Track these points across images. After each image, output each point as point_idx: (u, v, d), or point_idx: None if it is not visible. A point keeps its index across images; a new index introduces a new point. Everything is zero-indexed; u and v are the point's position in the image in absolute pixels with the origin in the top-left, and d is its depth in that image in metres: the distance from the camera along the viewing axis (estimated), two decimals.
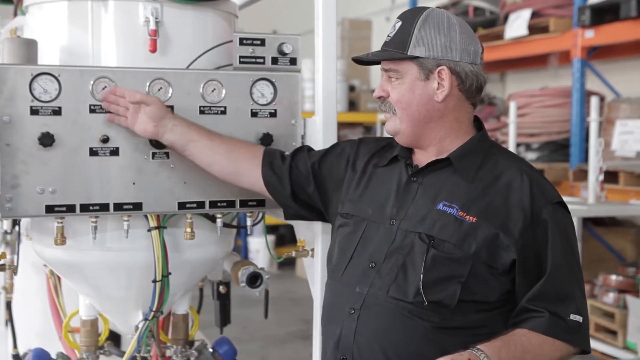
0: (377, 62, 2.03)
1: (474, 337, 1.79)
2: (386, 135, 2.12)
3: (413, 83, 1.93)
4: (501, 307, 1.87)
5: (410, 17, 1.96)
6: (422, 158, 2.01)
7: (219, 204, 2.31)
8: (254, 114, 2.33)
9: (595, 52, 6.15)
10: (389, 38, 1.98)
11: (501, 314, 1.87)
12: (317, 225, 2.35)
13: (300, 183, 2.19)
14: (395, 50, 1.94)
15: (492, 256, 1.83)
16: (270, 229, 8.09)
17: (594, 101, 5.23)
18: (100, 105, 2.16)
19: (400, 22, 1.97)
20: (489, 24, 7.09)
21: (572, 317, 1.83)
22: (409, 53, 1.92)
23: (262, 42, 2.34)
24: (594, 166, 5.13)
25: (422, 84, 1.93)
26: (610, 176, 5.43)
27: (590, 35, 5.82)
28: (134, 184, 2.21)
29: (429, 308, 1.82)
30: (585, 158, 5.77)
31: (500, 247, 1.83)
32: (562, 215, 1.89)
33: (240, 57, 2.32)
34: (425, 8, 1.98)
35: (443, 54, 1.91)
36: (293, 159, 2.21)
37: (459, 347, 1.76)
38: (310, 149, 2.28)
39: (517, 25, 6.46)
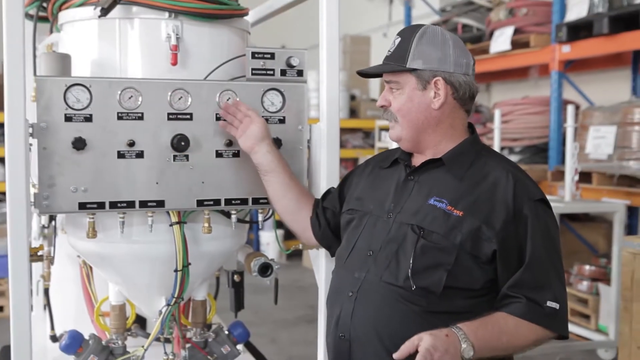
0: (379, 75, 2.05)
1: (457, 320, 1.78)
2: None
3: (412, 93, 1.94)
4: (486, 295, 1.86)
5: (408, 33, 1.97)
6: (419, 161, 2.02)
7: (233, 202, 2.30)
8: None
9: (571, 65, 6.13)
10: (390, 53, 1.99)
11: (487, 301, 1.86)
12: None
13: (333, 211, 2.23)
14: (395, 64, 1.94)
15: (475, 247, 1.82)
16: (280, 224, 8.06)
17: (570, 109, 5.21)
18: (127, 112, 2.16)
19: (399, 39, 1.98)
20: (476, 40, 7.07)
21: (549, 303, 1.82)
22: (407, 66, 1.92)
23: (272, 56, 2.33)
24: (570, 167, 5.12)
25: (420, 93, 1.94)
26: (585, 176, 5.41)
27: (566, 50, 5.80)
28: (157, 183, 2.20)
29: (417, 293, 1.82)
30: (562, 160, 5.75)
31: (483, 238, 1.82)
32: (543, 211, 1.88)
33: (253, 69, 2.31)
34: (421, 25, 1.98)
35: (438, 65, 1.92)
36: (323, 200, 2.27)
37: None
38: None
39: (501, 40, 6.44)
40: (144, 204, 2.20)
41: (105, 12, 2.20)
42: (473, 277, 1.84)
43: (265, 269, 2.46)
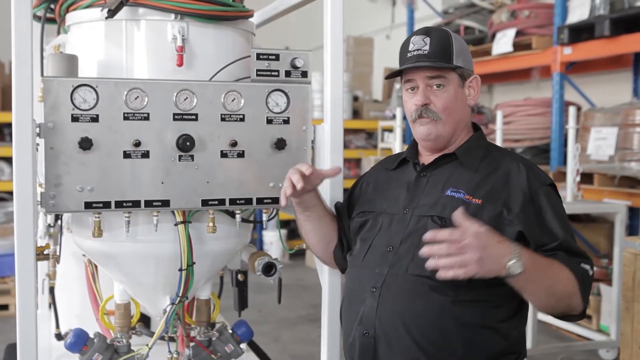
0: (394, 75, 2.06)
1: (485, 310, 1.81)
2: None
3: (455, 90, 1.98)
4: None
5: (441, 33, 1.99)
6: (429, 158, 2.04)
7: (238, 201, 2.30)
8: (269, 121, 2.32)
9: (572, 67, 6.13)
10: (426, 51, 1.95)
11: (509, 289, 1.81)
12: None
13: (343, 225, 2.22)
14: (443, 61, 1.95)
15: (498, 232, 1.81)
16: (283, 224, 8.05)
17: (571, 111, 5.21)
18: (133, 112, 2.16)
19: (428, 38, 1.97)
20: (478, 42, 7.07)
21: (583, 265, 1.81)
22: (454, 63, 1.95)
23: (277, 57, 2.34)
24: (572, 168, 5.11)
25: (460, 90, 1.99)
26: (586, 178, 5.41)
27: (568, 52, 5.80)
28: (162, 183, 2.21)
29: (445, 282, 1.77)
30: (563, 161, 5.75)
31: (505, 222, 1.84)
32: (553, 194, 1.93)
33: (257, 70, 2.32)
34: (438, 27, 2.05)
35: (471, 65, 2.02)
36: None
37: (471, 319, 1.77)
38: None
39: (503, 42, 6.44)
40: (149, 204, 2.20)
41: (112, 13, 2.20)
42: None
43: (269, 269, 2.47)
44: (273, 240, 8.45)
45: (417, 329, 1.84)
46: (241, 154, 2.28)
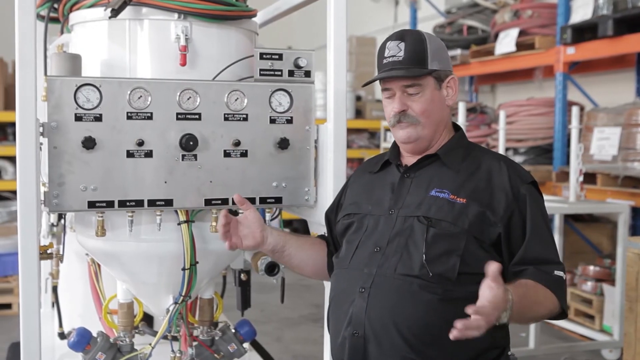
0: (372, 81, 2.06)
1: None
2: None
3: (432, 94, 1.98)
4: None
5: (415, 36, 1.98)
6: (411, 160, 2.05)
7: None
8: (272, 121, 2.32)
9: (575, 67, 6.12)
10: (400, 58, 1.95)
11: None
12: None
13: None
14: (418, 67, 1.95)
15: (481, 231, 1.87)
16: (286, 223, 8.07)
17: (574, 110, 5.20)
18: (137, 112, 2.16)
19: (402, 43, 1.96)
20: (481, 41, 7.06)
21: (556, 272, 1.88)
22: (429, 68, 1.95)
23: (280, 57, 2.34)
24: (575, 168, 5.10)
25: (437, 93, 1.99)
26: (589, 177, 5.40)
27: (571, 52, 5.79)
28: (165, 182, 2.21)
29: (433, 280, 1.84)
30: (566, 161, 5.74)
31: (488, 223, 1.88)
32: (536, 192, 1.96)
33: (261, 70, 2.32)
34: (412, 30, 2.04)
35: (448, 65, 2.00)
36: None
37: (460, 316, 1.77)
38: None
39: (506, 42, 6.43)
40: (152, 203, 2.20)
41: (115, 13, 2.20)
42: (480, 262, 1.85)
43: (272, 268, 2.47)
44: None
45: (407, 328, 1.85)
46: (244, 154, 2.29)
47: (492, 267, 1.61)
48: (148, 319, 2.72)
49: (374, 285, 1.91)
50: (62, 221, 2.65)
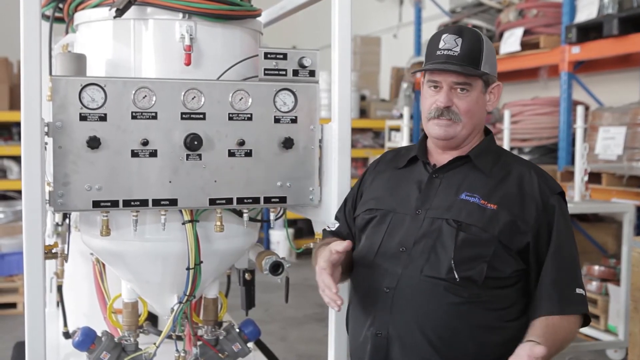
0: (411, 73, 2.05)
1: (495, 311, 1.86)
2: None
3: (478, 95, 1.97)
4: (517, 284, 1.91)
5: (473, 35, 1.97)
6: (439, 158, 2.03)
7: (245, 201, 2.31)
8: (276, 120, 2.32)
9: (580, 66, 6.10)
10: (456, 53, 1.93)
11: (517, 289, 1.92)
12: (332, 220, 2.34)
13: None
14: (471, 67, 1.93)
15: (510, 239, 1.88)
16: (290, 223, 8.09)
17: (579, 110, 5.18)
18: (141, 111, 2.17)
19: (460, 39, 1.94)
20: None
21: (578, 290, 1.90)
22: (481, 69, 1.95)
23: (285, 56, 2.34)
24: (580, 168, 5.09)
25: (482, 96, 1.99)
26: (594, 177, 5.38)
27: (576, 51, 5.77)
28: (170, 182, 2.21)
29: (460, 284, 1.84)
30: (571, 161, 5.72)
31: (518, 231, 1.88)
32: (564, 203, 1.97)
33: (265, 69, 2.32)
34: (469, 27, 2.06)
35: (495, 70, 2.01)
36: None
37: (483, 320, 1.83)
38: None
39: (511, 41, 6.42)
40: (157, 203, 2.20)
41: (120, 13, 2.21)
42: (506, 267, 1.88)
43: (276, 268, 2.47)
44: (280, 239, 8.44)
45: (431, 330, 1.85)
46: (249, 153, 2.29)
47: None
48: (152, 319, 2.72)
49: (399, 286, 1.90)
50: (67, 221, 2.65)
